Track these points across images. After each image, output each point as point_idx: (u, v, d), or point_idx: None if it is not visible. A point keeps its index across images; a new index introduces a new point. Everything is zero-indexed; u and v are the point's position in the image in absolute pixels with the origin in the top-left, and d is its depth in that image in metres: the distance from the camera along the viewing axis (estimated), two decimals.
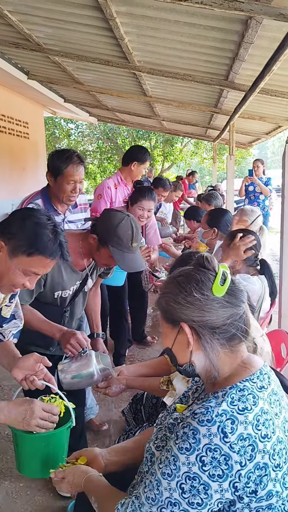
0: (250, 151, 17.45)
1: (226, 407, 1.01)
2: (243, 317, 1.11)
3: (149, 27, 3.36)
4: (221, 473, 0.96)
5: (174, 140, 17.72)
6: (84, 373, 1.83)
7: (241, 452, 0.97)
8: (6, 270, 1.43)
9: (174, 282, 1.15)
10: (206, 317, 1.07)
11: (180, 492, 0.99)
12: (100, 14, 3.27)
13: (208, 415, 1.00)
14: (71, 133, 20.35)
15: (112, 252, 1.90)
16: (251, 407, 1.02)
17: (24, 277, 1.44)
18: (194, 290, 1.09)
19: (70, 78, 6.00)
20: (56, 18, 3.69)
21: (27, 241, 1.39)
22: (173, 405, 1.32)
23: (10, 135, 7.51)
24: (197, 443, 0.98)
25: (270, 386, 1.09)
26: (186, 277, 1.13)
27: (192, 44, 3.52)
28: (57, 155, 2.41)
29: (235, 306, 1.10)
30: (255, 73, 3.56)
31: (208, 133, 8.98)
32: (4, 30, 4.35)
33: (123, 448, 1.49)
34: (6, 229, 1.43)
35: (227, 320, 1.08)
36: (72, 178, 2.38)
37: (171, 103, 6.13)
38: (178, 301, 1.11)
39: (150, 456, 1.19)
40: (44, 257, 1.42)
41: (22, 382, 1.52)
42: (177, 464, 1.00)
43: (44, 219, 1.45)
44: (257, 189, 7.26)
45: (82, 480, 1.28)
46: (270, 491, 0.99)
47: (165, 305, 1.15)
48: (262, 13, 2.34)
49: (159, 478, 1.03)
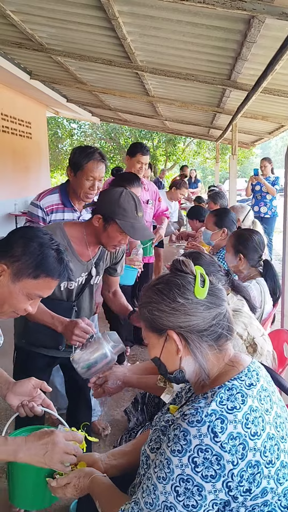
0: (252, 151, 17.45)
1: (215, 406, 1.01)
2: (226, 316, 1.12)
3: (152, 26, 3.36)
4: (213, 473, 0.96)
5: (177, 140, 17.73)
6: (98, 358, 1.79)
7: (233, 451, 0.97)
8: (8, 295, 1.34)
9: (155, 290, 1.13)
10: (192, 321, 1.07)
11: (175, 495, 0.99)
12: (103, 14, 3.27)
13: (198, 416, 1.00)
14: (74, 133, 20.39)
15: (121, 225, 1.86)
16: (240, 406, 1.02)
17: (28, 301, 1.37)
18: (177, 296, 1.08)
19: (72, 78, 6.01)
20: (58, 18, 3.69)
21: (33, 264, 1.32)
22: (166, 405, 1.32)
23: (13, 135, 7.52)
24: (188, 444, 0.98)
25: (259, 382, 1.09)
26: (166, 284, 1.12)
27: (195, 43, 3.52)
28: (80, 151, 2.40)
29: (218, 306, 1.10)
30: (257, 72, 3.55)
31: (211, 132, 8.98)
32: (7, 30, 4.36)
33: (122, 451, 1.48)
34: (8, 252, 1.34)
35: (213, 321, 1.08)
36: (92, 174, 2.35)
37: (173, 102, 6.13)
38: (162, 309, 1.10)
39: (146, 459, 1.19)
40: (51, 279, 1.36)
41: (19, 408, 1.42)
42: (171, 467, 1.00)
43: (47, 238, 1.39)
44: (263, 188, 7.02)
45: (87, 482, 1.26)
46: (264, 488, 1.00)
47: (148, 315, 1.13)
48: (265, 12, 2.34)
49: (155, 483, 1.03)
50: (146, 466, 1.18)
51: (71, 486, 1.26)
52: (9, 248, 1.35)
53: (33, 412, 1.42)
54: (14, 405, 1.42)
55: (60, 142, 20.09)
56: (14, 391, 1.43)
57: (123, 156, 19.67)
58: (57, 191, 2.47)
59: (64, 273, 1.39)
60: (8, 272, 1.33)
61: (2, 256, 1.34)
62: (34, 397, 1.44)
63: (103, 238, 1.95)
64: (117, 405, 3.10)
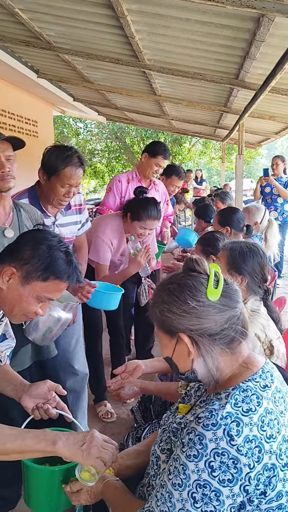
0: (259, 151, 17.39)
1: (230, 409, 1.00)
2: (240, 318, 1.08)
3: (160, 25, 3.35)
4: (230, 477, 0.95)
5: (183, 139, 17.70)
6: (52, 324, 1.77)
7: (249, 454, 0.95)
8: (18, 299, 1.36)
9: (167, 291, 1.11)
10: (204, 324, 1.05)
11: (192, 502, 0.97)
12: (111, 12, 3.26)
13: (213, 419, 0.98)
14: (80, 132, 20.40)
15: None
16: (256, 408, 1.00)
17: (37, 303, 1.38)
18: (188, 298, 1.06)
19: (79, 77, 6.01)
20: (67, 16, 3.69)
21: (42, 266, 1.33)
22: (176, 404, 1.30)
23: (20, 133, 7.52)
24: (204, 448, 0.97)
25: (274, 384, 1.08)
26: (178, 285, 1.10)
27: (203, 42, 3.50)
28: (56, 152, 2.17)
29: (231, 308, 1.07)
30: (266, 71, 3.53)
31: (217, 132, 8.95)
32: (15, 28, 4.37)
33: (136, 451, 1.46)
34: (17, 255, 1.36)
35: (225, 325, 1.05)
36: (69, 181, 2.13)
37: (180, 102, 6.11)
38: (173, 311, 1.07)
39: (156, 459, 1.18)
40: (61, 281, 1.37)
41: (34, 411, 1.41)
42: (187, 472, 0.98)
43: (55, 241, 1.40)
44: (274, 190, 6.32)
45: (100, 486, 1.25)
46: (279, 492, 0.98)
47: (159, 315, 1.11)
48: (275, 10, 2.32)
49: (170, 490, 1.01)
50: (156, 467, 1.17)
51: (84, 492, 1.24)
52: (18, 251, 1.37)
53: (48, 414, 1.41)
54: (29, 407, 1.42)
55: (66, 141, 20.08)
56: (29, 394, 1.43)
57: (129, 156, 19.74)
58: (26, 195, 2.25)
59: (73, 275, 1.39)
60: (17, 275, 1.34)
61: (12, 259, 1.36)
62: (48, 399, 1.43)
63: None
64: (123, 404, 3.09)
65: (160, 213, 2.82)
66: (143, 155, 3.43)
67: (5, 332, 1.59)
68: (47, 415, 1.42)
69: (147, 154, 3.38)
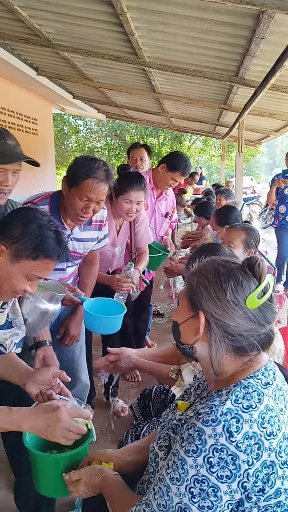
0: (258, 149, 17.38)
1: (230, 405, 0.99)
2: (261, 337, 1.06)
3: (160, 22, 3.34)
4: (229, 473, 0.95)
5: (183, 137, 17.69)
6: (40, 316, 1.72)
7: (248, 451, 0.95)
8: (7, 276, 1.37)
9: (216, 268, 1.08)
10: (226, 320, 1.03)
11: (189, 496, 0.97)
12: (111, 9, 3.26)
13: (213, 415, 0.98)
14: (80, 130, 20.38)
15: None
16: (256, 405, 1.00)
17: (27, 281, 1.40)
18: (229, 290, 1.03)
19: (79, 74, 6.00)
20: (66, 13, 3.68)
21: (33, 245, 1.34)
22: (175, 401, 1.30)
23: (19, 131, 7.51)
24: (203, 444, 0.97)
25: (275, 382, 1.08)
26: (228, 272, 1.06)
27: (203, 39, 3.49)
28: (83, 162, 1.99)
29: (259, 324, 1.04)
30: (265, 69, 3.53)
31: (217, 130, 8.94)
32: (14, 25, 4.36)
33: (136, 447, 1.46)
34: (7, 233, 1.37)
35: (244, 332, 1.04)
36: (88, 194, 1.92)
37: (180, 99, 6.10)
38: (208, 290, 1.05)
39: (154, 456, 1.18)
40: (50, 260, 1.39)
41: (38, 397, 1.43)
42: (185, 467, 0.98)
43: (46, 220, 1.41)
44: None
45: (99, 480, 1.25)
46: (278, 489, 0.98)
47: (194, 285, 1.09)
48: (275, 7, 2.32)
49: (168, 484, 1.01)
50: (155, 464, 1.17)
51: (82, 483, 1.25)
52: (8, 229, 1.38)
53: (51, 400, 1.43)
54: (33, 393, 1.44)
55: (66, 139, 20.09)
56: (34, 380, 1.45)
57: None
58: (47, 201, 2.06)
59: (63, 254, 1.41)
60: (7, 253, 1.36)
61: (1, 237, 1.36)
62: (53, 386, 1.46)
63: None
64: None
65: (144, 184, 2.59)
66: (160, 165, 3.16)
67: (12, 320, 1.61)
68: None
69: (165, 166, 3.11)
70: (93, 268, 2.46)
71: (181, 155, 3.18)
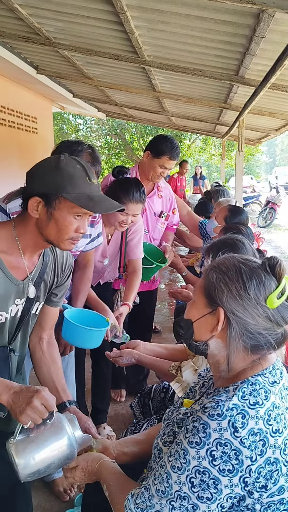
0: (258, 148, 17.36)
1: (237, 401, 1.00)
2: (277, 336, 1.06)
3: (160, 21, 3.34)
4: (231, 468, 0.95)
5: (183, 136, 17.68)
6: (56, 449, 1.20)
7: (252, 447, 0.96)
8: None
9: (237, 266, 1.08)
10: (247, 318, 1.04)
11: (189, 486, 0.98)
12: (111, 8, 3.25)
13: (219, 409, 0.99)
14: (80, 129, 20.38)
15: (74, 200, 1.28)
16: (263, 402, 1.00)
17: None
18: (251, 288, 1.04)
19: (79, 73, 5.99)
20: (66, 12, 3.67)
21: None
22: (180, 399, 1.31)
23: (19, 130, 7.51)
24: (207, 437, 0.97)
25: (282, 381, 1.08)
26: (250, 270, 1.07)
27: (203, 38, 3.49)
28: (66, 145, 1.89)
29: (277, 324, 1.05)
30: (266, 68, 3.52)
31: (217, 129, 8.94)
32: (14, 24, 4.35)
33: (134, 440, 1.48)
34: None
35: (263, 331, 1.04)
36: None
37: (180, 98, 6.10)
38: (230, 288, 1.05)
39: (158, 452, 1.19)
40: None
41: None
42: (187, 458, 0.99)
43: None
44: None
45: (96, 466, 1.26)
46: (281, 486, 0.99)
47: (214, 281, 1.08)
48: (275, 6, 2.31)
49: (169, 471, 1.02)
50: (159, 459, 1.18)
51: (79, 469, 1.27)
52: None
53: None
54: None
55: (66, 138, 20.08)
56: None
57: (129, 152, 19.73)
58: None
59: None
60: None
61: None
62: None
63: (51, 231, 1.33)
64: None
65: (144, 195, 2.39)
66: (145, 153, 2.88)
67: None
68: None
69: (149, 153, 2.81)
70: (87, 271, 2.28)
71: (165, 137, 2.86)
